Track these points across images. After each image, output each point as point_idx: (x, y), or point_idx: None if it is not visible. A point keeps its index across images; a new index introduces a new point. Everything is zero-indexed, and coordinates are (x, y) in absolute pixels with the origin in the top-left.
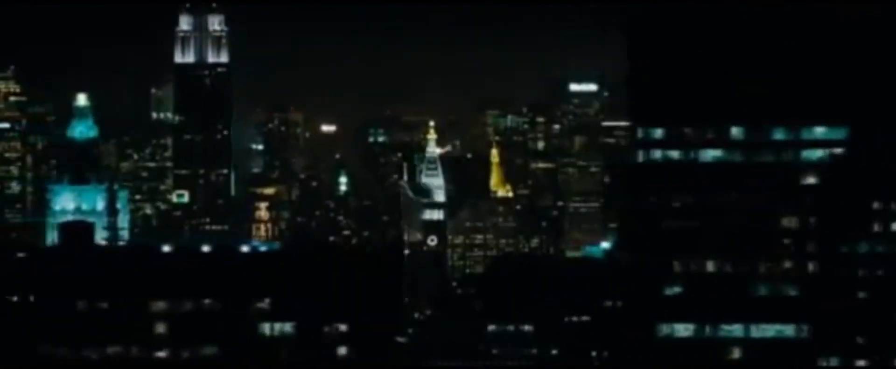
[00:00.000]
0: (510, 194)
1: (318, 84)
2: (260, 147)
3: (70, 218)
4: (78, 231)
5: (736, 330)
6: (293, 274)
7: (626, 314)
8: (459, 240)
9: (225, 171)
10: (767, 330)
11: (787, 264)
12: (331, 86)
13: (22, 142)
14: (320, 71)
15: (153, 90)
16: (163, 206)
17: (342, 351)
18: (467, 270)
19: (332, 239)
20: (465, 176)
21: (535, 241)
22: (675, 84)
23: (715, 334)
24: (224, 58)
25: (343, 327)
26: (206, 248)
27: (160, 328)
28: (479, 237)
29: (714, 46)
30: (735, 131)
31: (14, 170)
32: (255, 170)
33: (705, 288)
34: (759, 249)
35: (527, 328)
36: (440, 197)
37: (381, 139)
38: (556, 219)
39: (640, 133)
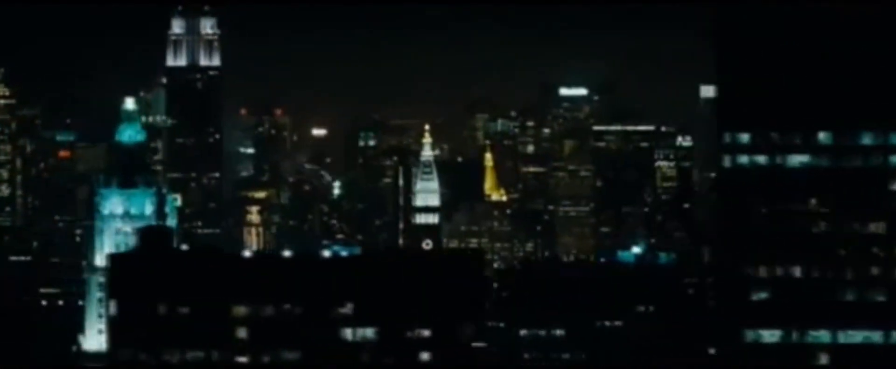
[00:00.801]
0: (505, 198)
1: (305, 87)
2: (250, 150)
3: (119, 222)
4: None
5: (823, 335)
6: (375, 278)
7: (714, 318)
8: (454, 244)
9: (216, 175)
10: (855, 336)
11: (875, 270)
12: (318, 89)
13: (12, 144)
14: (307, 74)
15: (141, 94)
16: None
17: (424, 356)
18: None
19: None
20: (458, 179)
21: (530, 246)
22: (763, 89)
23: (802, 340)
24: (216, 61)
25: (425, 332)
26: (287, 253)
27: (241, 333)
28: (474, 241)
29: (801, 51)
30: (822, 136)
31: (4, 173)
32: (244, 174)
33: (792, 294)
34: (846, 254)
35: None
36: (435, 201)
37: (372, 143)
38: (550, 224)
39: (726, 138)
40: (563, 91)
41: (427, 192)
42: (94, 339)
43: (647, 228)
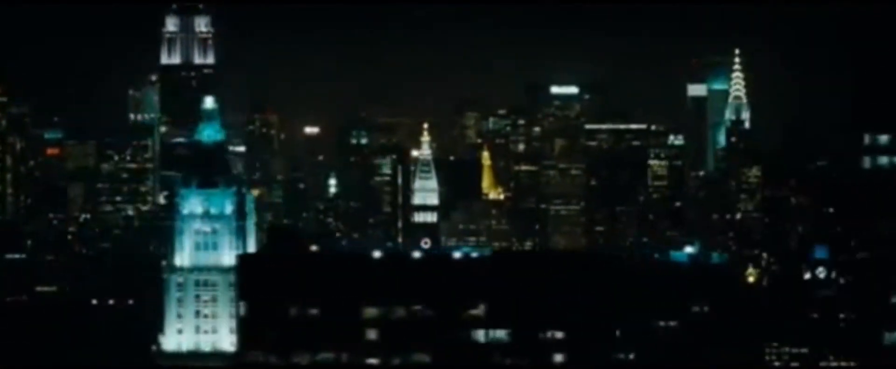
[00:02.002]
0: (502, 197)
1: (293, 86)
2: (241, 149)
3: (198, 222)
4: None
5: None
6: (508, 279)
7: (853, 322)
8: (452, 242)
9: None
10: None
11: None
12: (306, 88)
13: (1, 142)
14: (295, 72)
15: (131, 92)
16: (144, 208)
17: (558, 358)
18: None
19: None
20: (453, 178)
21: (528, 244)
22: None
23: None
24: (210, 59)
25: (559, 334)
26: (417, 254)
27: (371, 334)
28: (472, 239)
29: None
30: None
31: None
32: (234, 172)
33: None
34: None
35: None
36: (434, 199)
37: (364, 141)
38: (545, 222)
39: (866, 139)
40: (554, 89)
41: (426, 191)
42: (173, 339)
43: (640, 227)
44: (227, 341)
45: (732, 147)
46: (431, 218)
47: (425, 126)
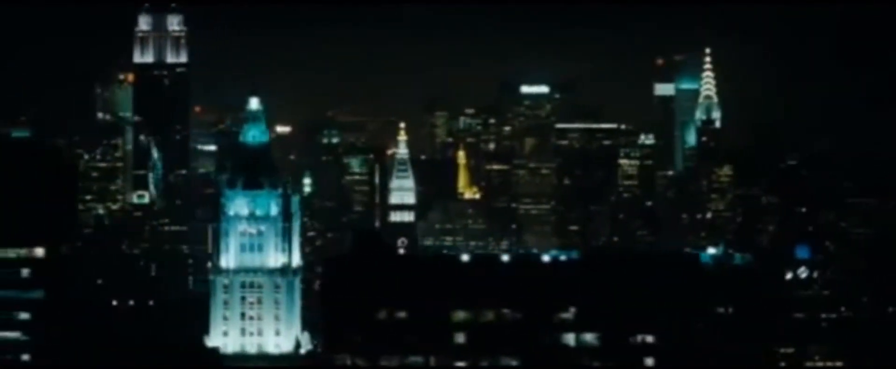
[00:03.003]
0: (478, 196)
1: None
2: (211, 148)
3: (244, 223)
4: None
5: None
6: (597, 282)
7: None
8: (429, 242)
9: (184, 172)
10: None
11: None
12: (275, 86)
13: None
14: (262, 71)
15: (98, 90)
16: (114, 206)
17: (648, 362)
18: None
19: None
20: (427, 177)
21: (504, 244)
22: None
23: None
24: (183, 58)
25: (649, 338)
26: (505, 257)
27: (460, 338)
28: (449, 239)
29: None
30: None
31: None
32: (202, 171)
33: None
34: None
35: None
36: (410, 198)
37: (335, 140)
38: (518, 221)
39: None
40: (525, 88)
41: (403, 190)
42: (219, 340)
43: (612, 227)
44: (271, 343)
45: (703, 146)
46: (408, 217)
47: (402, 125)
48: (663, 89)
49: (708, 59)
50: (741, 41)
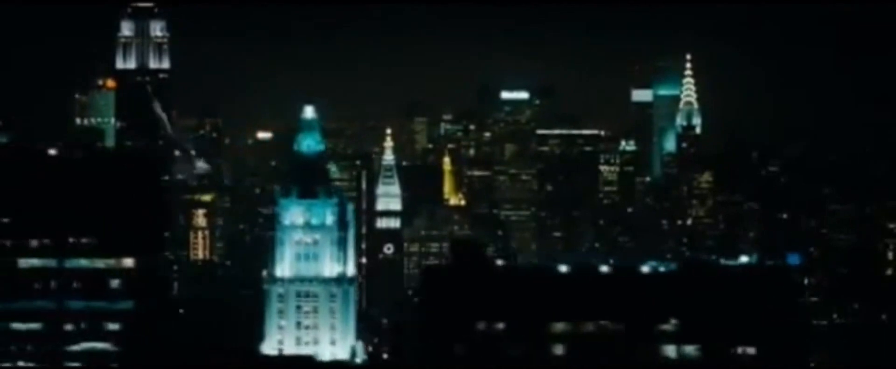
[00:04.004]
0: (463, 202)
1: (240, 90)
2: (192, 153)
3: (299, 233)
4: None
5: None
6: (698, 294)
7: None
8: (415, 248)
9: (166, 178)
10: None
11: None
12: (253, 91)
13: None
14: (242, 76)
15: (77, 96)
16: None
17: None
18: None
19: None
20: (411, 183)
21: (491, 250)
22: None
23: None
24: (166, 64)
25: (751, 350)
26: (605, 269)
27: (558, 350)
28: (435, 245)
29: None
30: None
31: None
32: (180, 177)
33: None
34: None
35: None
36: (397, 205)
37: None
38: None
39: None
40: (505, 94)
41: (389, 197)
42: (274, 349)
43: (595, 233)
44: (327, 352)
45: (683, 152)
46: (394, 223)
47: (388, 131)
48: (640, 95)
49: (688, 64)
50: (722, 47)
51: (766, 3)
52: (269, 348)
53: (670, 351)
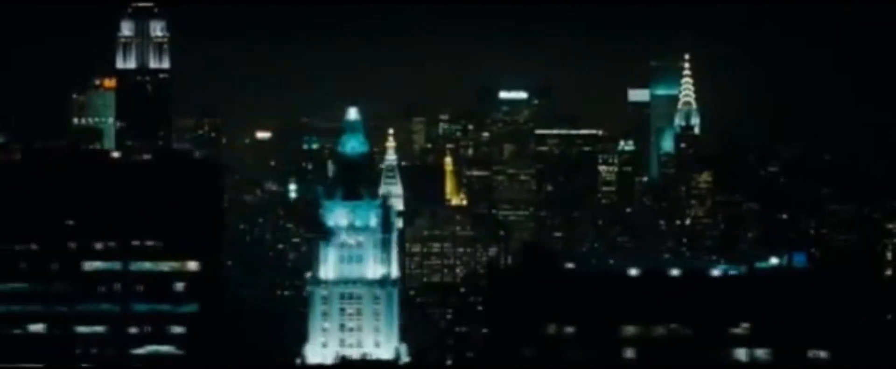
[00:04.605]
0: (465, 202)
1: (237, 90)
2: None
3: (343, 235)
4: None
5: None
6: (769, 296)
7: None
8: (417, 248)
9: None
10: None
11: None
12: (249, 92)
13: None
14: (240, 76)
15: (74, 96)
16: None
17: None
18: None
19: None
20: (412, 183)
21: (493, 250)
22: None
23: None
24: (166, 64)
25: (823, 354)
26: (674, 272)
27: (629, 353)
28: (437, 245)
29: None
30: None
31: None
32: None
33: None
34: None
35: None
36: (399, 205)
37: (314, 146)
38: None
39: None
40: (503, 94)
41: (391, 197)
42: (318, 352)
43: (595, 233)
44: (371, 355)
45: (682, 153)
46: (397, 224)
47: (390, 131)
48: (637, 95)
49: (687, 64)
50: (721, 47)
51: (765, 2)
52: (312, 350)
53: (741, 354)
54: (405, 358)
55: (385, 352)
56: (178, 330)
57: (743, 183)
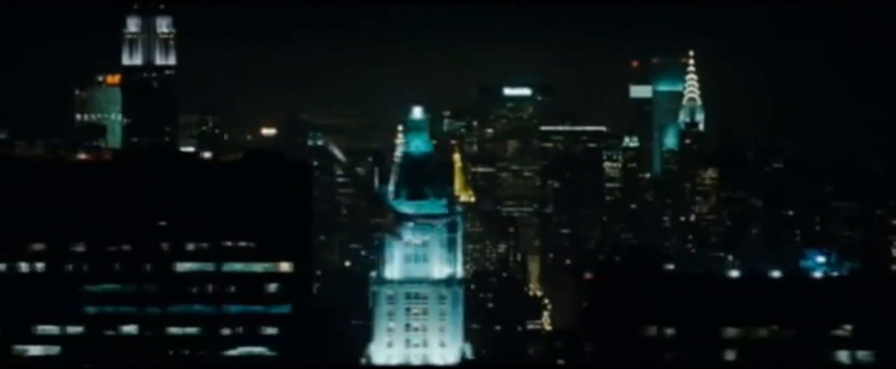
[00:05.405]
0: (473, 199)
1: (244, 86)
2: (190, 150)
3: (408, 234)
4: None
5: None
6: (873, 299)
7: None
8: None
9: None
10: None
11: None
12: (248, 88)
13: None
14: (241, 73)
15: (77, 92)
16: None
17: None
18: None
19: None
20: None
21: (502, 247)
22: None
23: None
24: (172, 60)
25: None
26: (776, 273)
27: (730, 355)
28: None
29: None
30: None
31: None
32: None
33: None
34: None
35: None
36: None
37: (320, 143)
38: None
39: None
40: (507, 91)
41: None
42: (383, 352)
43: (602, 230)
44: (436, 355)
45: (686, 149)
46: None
47: (400, 128)
48: (639, 91)
49: (691, 61)
50: (725, 43)
51: (764, 1)
52: (377, 349)
53: (844, 356)
54: (470, 358)
55: (450, 352)
56: (270, 331)
57: (747, 179)
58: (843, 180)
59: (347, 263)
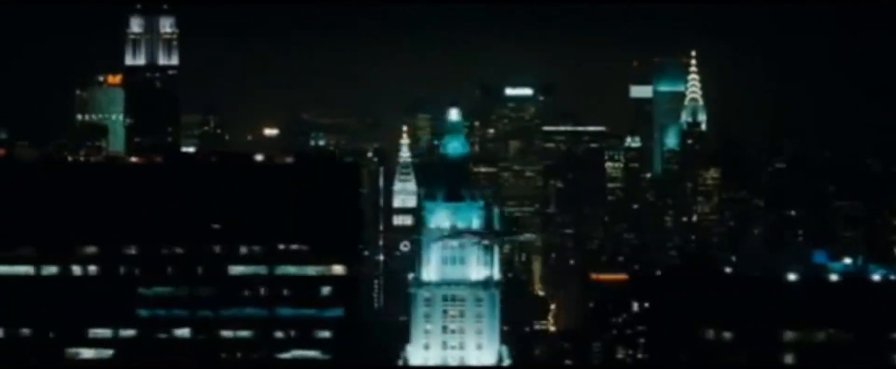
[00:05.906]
0: None
1: (238, 87)
2: (191, 149)
3: (446, 236)
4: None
5: None
6: None
7: None
8: None
9: None
10: None
11: None
12: (249, 88)
13: None
14: (241, 74)
15: (78, 92)
16: None
17: None
18: None
19: None
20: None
21: (506, 248)
22: None
23: None
24: (175, 60)
25: None
26: (834, 277)
27: (789, 358)
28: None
29: None
30: None
31: None
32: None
33: None
34: None
35: None
36: (413, 202)
37: (321, 142)
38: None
39: None
40: (509, 91)
41: (405, 193)
42: (420, 354)
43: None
44: (473, 357)
45: (688, 149)
46: (410, 220)
47: (405, 128)
48: (640, 91)
49: (693, 61)
50: (727, 43)
51: (765, 1)
52: (414, 351)
53: None
54: (507, 361)
55: (487, 355)
56: (324, 334)
57: (749, 179)
58: (845, 180)
59: None
